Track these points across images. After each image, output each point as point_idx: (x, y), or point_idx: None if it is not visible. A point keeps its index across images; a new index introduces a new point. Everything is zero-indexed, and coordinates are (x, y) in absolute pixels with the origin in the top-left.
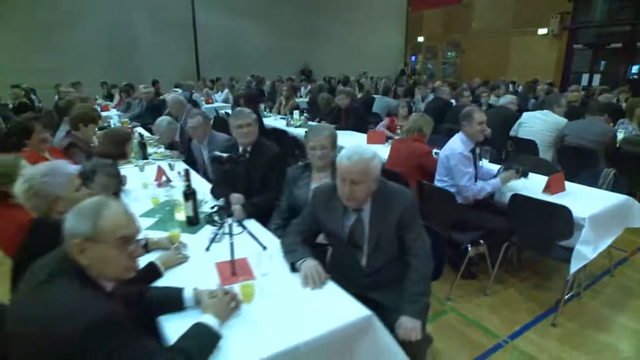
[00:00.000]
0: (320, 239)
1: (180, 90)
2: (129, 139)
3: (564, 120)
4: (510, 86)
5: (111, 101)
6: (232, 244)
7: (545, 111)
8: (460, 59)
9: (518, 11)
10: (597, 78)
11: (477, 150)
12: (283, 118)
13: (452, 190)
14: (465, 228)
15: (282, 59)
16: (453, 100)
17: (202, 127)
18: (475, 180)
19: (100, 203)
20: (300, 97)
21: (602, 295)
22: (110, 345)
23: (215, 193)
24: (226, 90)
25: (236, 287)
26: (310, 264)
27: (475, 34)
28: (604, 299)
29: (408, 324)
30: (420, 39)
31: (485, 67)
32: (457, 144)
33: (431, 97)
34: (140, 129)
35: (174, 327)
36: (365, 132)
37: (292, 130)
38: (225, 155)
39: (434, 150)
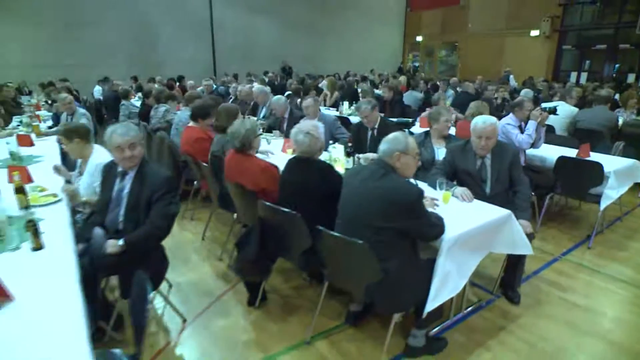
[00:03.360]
0: None
1: (211, 82)
2: (238, 113)
3: (576, 109)
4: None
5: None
6: None
7: (560, 102)
8: (457, 58)
9: (512, 14)
10: (584, 76)
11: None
12: (327, 109)
13: None
14: None
15: (291, 55)
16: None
17: (312, 106)
18: None
19: (401, 134)
20: None
21: (617, 232)
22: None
23: None
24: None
25: None
26: (461, 188)
27: (471, 35)
28: (620, 232)
29: (524, 223)
30: (419, 38)
31: (481, 66)
32: (507, 120)
33: (450, 91)
34: None
35: None
36: (408, 120)
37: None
38: None
39: None
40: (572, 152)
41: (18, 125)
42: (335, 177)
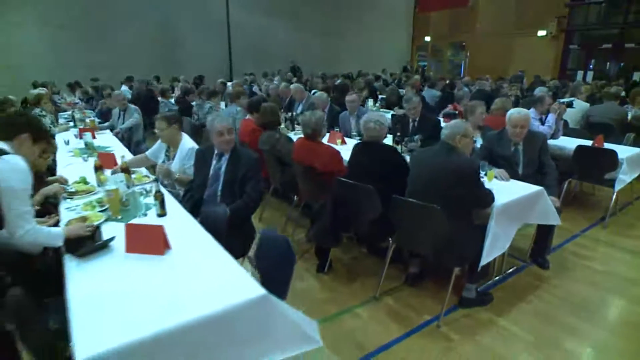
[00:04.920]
0: None
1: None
2: (279, 110)
3: (587, 105)
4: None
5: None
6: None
7: (571, 97)
8: (463, 58)
9: (519, 14)
10: (590, 75)
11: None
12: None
13: None
14: None
15: (303, 55)
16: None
17: (356, 101)
18: None
19: (461, 121)
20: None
21: (629, 214)
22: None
23: None
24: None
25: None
26: (499, 170)
27: (479, 35)
28: (632, 215)
29: (553, 198)
30: (427, 38)
31: (488, 66)
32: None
33: (465, 89)
34: None
35: None
36: (454, 112)
37: None
38: None
39: None
40: (586, 143)
41: (69, 122)
42: (399, 157)
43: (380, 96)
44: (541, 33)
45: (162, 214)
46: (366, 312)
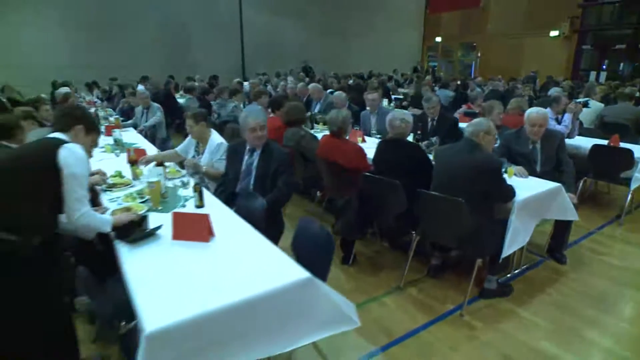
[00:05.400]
0: None
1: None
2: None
3: (601, 105)
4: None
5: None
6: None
7: (586, 98)
8: (473, 59)
9: (531, 15)
10: (603, 75)
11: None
12: None
13: None
14: None
15: (314, 55)
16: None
17: (376, 100)
18: None
19: (484, 119)
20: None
21: None
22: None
23: None
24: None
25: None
26: (517, 167)
27: (490, 36)
28: None
29: (571, 195)
30: (438, 39)
31: (499, 66)
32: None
33: (478, 89)
34: None
35: None
36: (475, 111)
37: None
38: None
39: None
40: (601, 142)
41: None
42: (423, 154)
43: (393, 96)
44: (553, 33)
45: (200, 205)
46: (391, 301)
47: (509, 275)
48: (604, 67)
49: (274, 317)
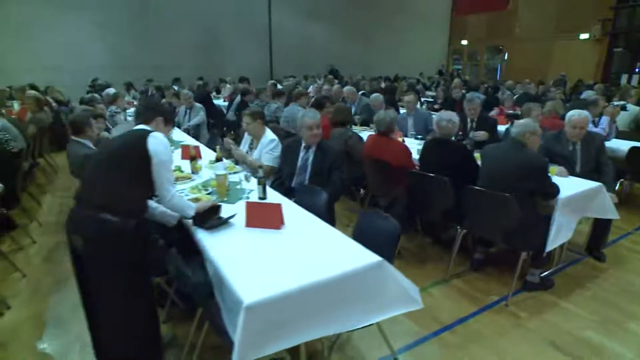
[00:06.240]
0: None
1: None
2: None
3: (638, 108)
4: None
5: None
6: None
7: (622, 101)
8: (499, 62)
9: (560, 18)
10: (635, 78)
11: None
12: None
13: None
14: None
15: (341, 58)
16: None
17: (413, 102)
18: None
19: (530, 120)
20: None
21: None
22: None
23: None
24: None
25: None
26: (560, 167)
27: (518, 39)
28: None
29: (612, 194)
30: (464, 42)
31: (526, 69)
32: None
33: (507, 92)
34: None
35: None
36: (518, 112)
37: None
38: None
39: None
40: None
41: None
42: (469, 153)
43: (422, 99)
44: (584, 36)
45: (263, 197)
46: (438, 291)
47: (550, 271)
48: (637, 69)
49: (348, 297)
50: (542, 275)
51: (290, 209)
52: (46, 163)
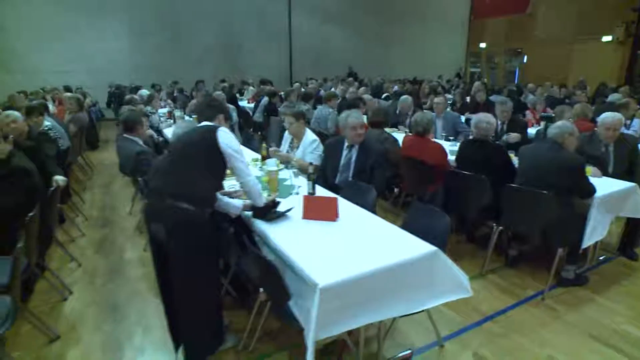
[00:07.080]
0: None
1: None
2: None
3: None
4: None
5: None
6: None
7: None
8: (520, 65)
9: (581, 21)
10: None
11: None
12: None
13: None
14: None
15: (359, 60)
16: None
17: (442, 104)
18: None
19: (568, 122)
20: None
21: None
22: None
23: None
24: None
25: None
26: (594, 168)
27: (537, 42)
28: None
29: None
30: (482, 45)
31: (545, 72)
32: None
33: (530, 96)
34: None
35: None
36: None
37: None
38: None
39: None
40: None
41: (167, 119)
42: (505, 153)
43: None
44: (606, 39)
45: (312, 192)
46: (476, 285)
47: (584, 268)
48: None
49: (408, 283)
50: (576, 271)
51: (340, 203)
52: (83, 161)
